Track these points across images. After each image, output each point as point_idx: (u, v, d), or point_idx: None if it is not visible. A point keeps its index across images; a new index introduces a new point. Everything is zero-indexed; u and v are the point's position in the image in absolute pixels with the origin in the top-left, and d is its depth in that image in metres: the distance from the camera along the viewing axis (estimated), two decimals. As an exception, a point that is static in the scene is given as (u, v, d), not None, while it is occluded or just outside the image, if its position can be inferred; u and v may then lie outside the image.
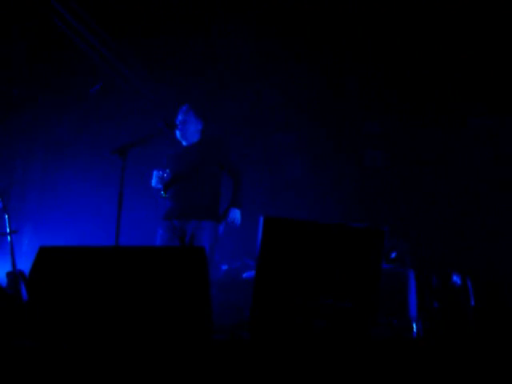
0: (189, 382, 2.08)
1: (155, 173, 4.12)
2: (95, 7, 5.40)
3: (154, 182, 4.13)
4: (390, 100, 6.76)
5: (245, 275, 5.60)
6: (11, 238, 4.56)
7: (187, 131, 4.28)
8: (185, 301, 2.39)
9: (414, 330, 4.58)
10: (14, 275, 4.39)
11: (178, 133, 4.29)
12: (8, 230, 4.56)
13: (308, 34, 5.58)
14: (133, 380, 2.16)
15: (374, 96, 6.71)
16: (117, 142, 4.10)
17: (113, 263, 2.52)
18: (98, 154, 6.10)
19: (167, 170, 4.12)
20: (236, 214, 4.09)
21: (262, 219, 2.31)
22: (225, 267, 6.04)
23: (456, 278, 5.17)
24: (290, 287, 2.38)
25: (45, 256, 2.63)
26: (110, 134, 6.29)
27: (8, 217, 4.62)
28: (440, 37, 5.65)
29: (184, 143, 4.35)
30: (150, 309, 2.39)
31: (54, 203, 6.34)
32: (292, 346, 2.18)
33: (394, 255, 5.38)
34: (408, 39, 5.72)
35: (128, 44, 6.02)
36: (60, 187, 6.35)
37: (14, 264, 4.45)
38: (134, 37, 5.83)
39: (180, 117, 4.29)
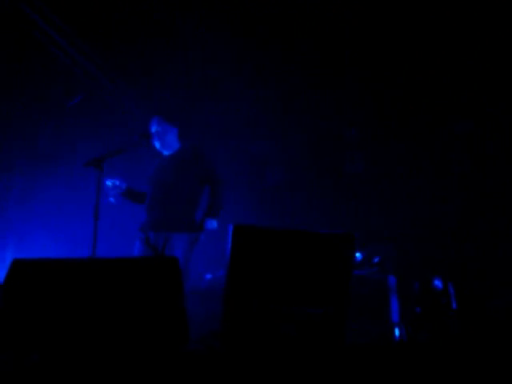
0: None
1: (107, 182, 4.12)
2: (75, 19, 5.41)
3: (110, 192, 4.14)
4: (370, 106, 6.82)
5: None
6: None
7: (165, 140, 4.25)
8: (158, 312, 2.39)
9: (397, 335, 4.60)
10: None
11: (156, 144, 4.27)
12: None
13: (285, 41, 5.62)
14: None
15: (354, 102, 6.76)
16: (97, 154, 4.09)
17: (86, 275, 2.51)
18: (79, 165, 6.08)
19: (118, 178, 4.14)
20: (212, 224, 4.01)
21: (231, 227, 2.32)
22: (209, 277, 6.04)
23: (438, 283, 5.19)
24: (261, 295, 2.38)
25: (18, 269, 2.61)
26: (91, 146, 6.27)
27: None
28: (418, 43, 5.72)
29: (165, 152, 4.31)
30: (123, 320, 2.39)
31: (36, 216, 6.30)
32: (264, 354, 2.18)
33: (376, 260, 5.40)
34: (386, 45, 5.78)
35: (108, 55, 6.03)
36: (41, 200, 6.31)
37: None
38: (114, 48, 5.85)
39: (153, 128, 4.25)
